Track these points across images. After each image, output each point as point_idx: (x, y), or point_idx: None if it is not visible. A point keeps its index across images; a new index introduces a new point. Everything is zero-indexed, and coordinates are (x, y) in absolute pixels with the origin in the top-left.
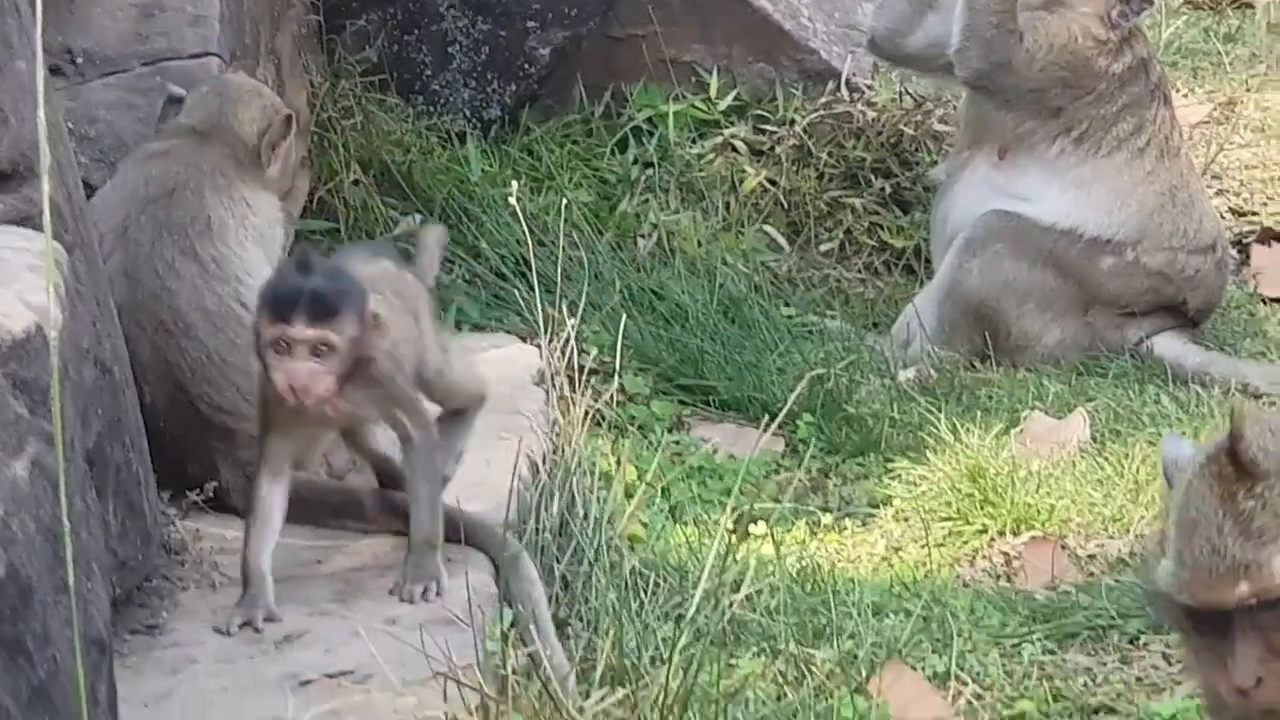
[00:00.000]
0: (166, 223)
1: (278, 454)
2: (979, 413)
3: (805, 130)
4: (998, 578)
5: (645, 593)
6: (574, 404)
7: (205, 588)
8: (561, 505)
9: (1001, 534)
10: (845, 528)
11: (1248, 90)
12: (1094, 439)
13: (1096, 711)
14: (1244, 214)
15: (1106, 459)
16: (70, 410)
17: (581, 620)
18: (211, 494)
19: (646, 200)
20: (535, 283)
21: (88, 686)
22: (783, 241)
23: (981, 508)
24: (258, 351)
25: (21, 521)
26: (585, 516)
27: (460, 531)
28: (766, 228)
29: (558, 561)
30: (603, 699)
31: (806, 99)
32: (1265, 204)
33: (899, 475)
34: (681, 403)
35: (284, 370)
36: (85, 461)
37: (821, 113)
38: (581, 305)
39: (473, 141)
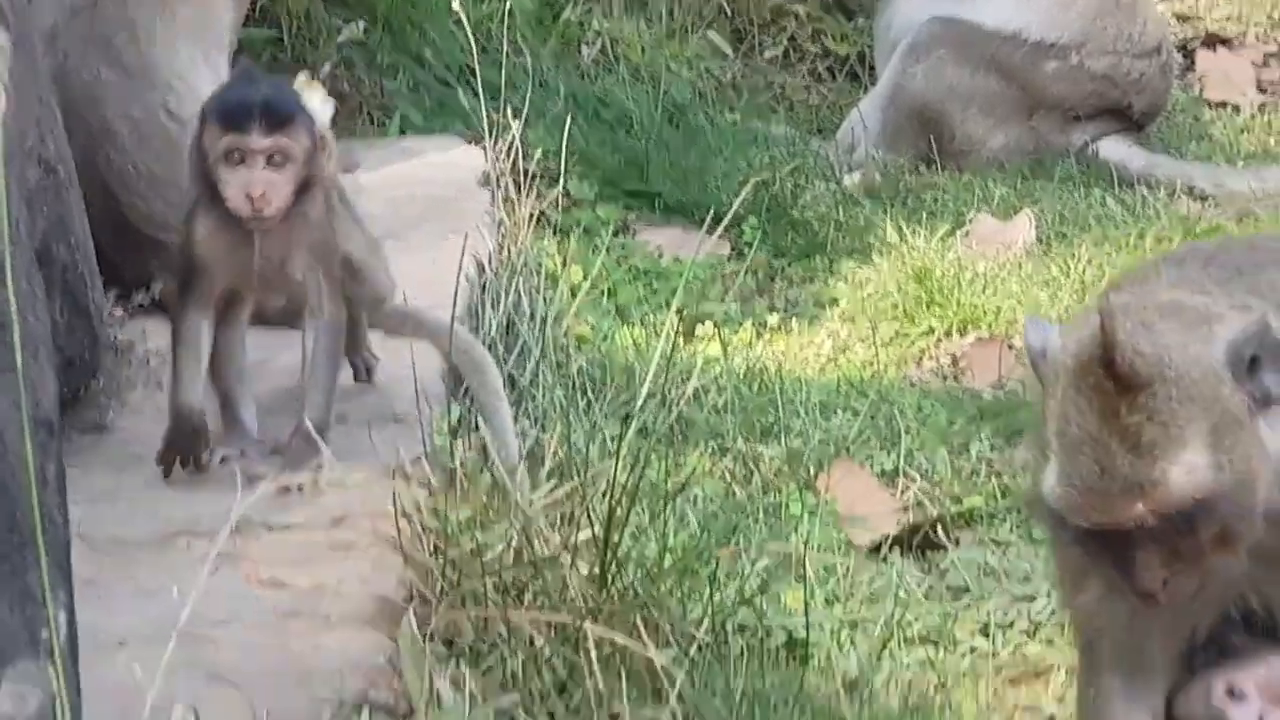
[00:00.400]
0: (90, 34)
1: (203, 294)
2: (924, 215)
3: None
4: (945, 377)
5: (592, 392)
6: (519, 205)
7: (152, 387)
8: (508, 305)
9: (948, 334)
10: (792, 329)
11: None
12: (1040, 240)
13: None
14: (1188, 19)
15: (1052, 260)
16: (15, 199)
17: (529, 418)
18: (157, 296)
19: (590, 8)
20: (480, 89)
21: (36, 467)
22: (727, 48)
23: (928, 308)
24: (203, 170)
25: None
26: (532, 316)
27: (408, 327)
28: (711, 34)
29: (504, 361)
30: (552, 491)
31: None
32: (1210, 9)
33: (845, 277)
34: (627, 207)
35: (241, 181)
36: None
37: None
38: (525, 110)
39: None
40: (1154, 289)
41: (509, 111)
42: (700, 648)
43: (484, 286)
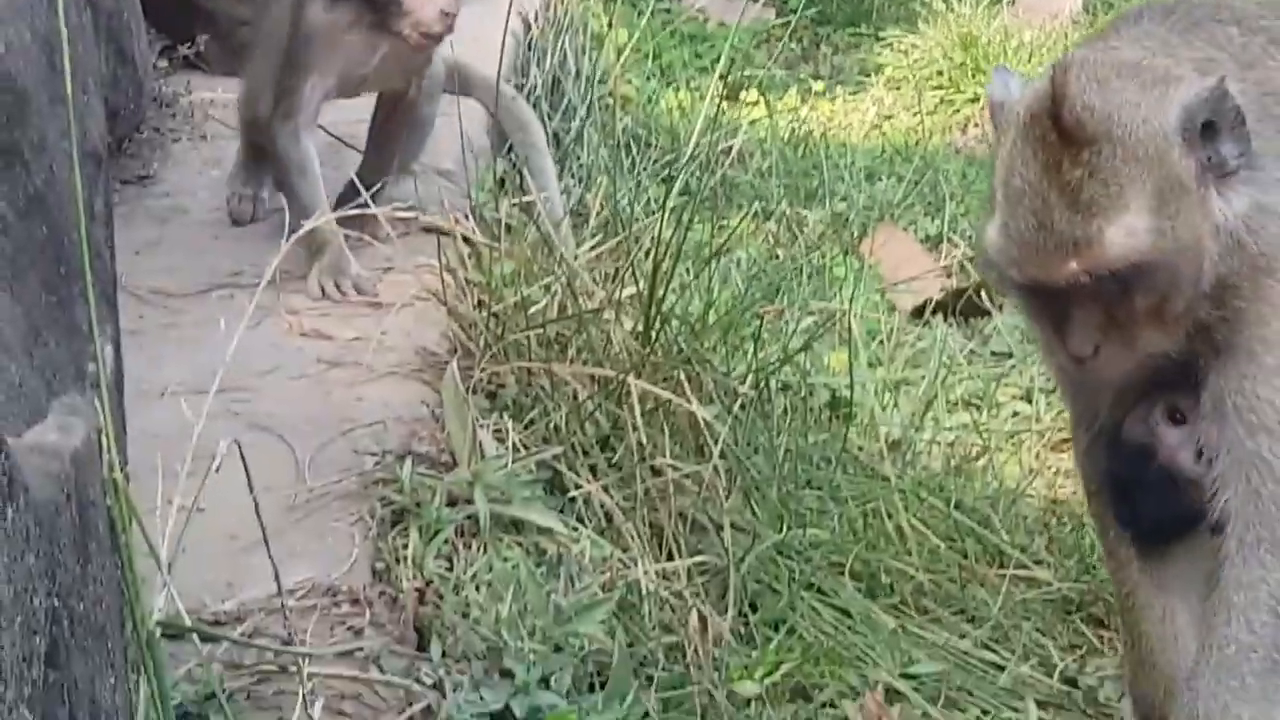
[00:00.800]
0: None
1: (314, 107)
2: None
3: None
4: (989, 145)
5: (637, 152)
6: None
7: (196, 139)
8: (554, 62)
9: None
10: (837, 95)
11: None
12: (1086, 10)
13: None
14: None
15: None
16: None
17: (573, 176)
18: (202, 48)
19: None
20: None
21: (85, 199)
22: None
23: (973, 76)
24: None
25: (17, 29)
26: (577, 75)
27: (454, 81)
28: None
29: (550, 118)
30: (596, 246)
31: None
32: None
33: (891, 44)
34: None
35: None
36: None
37: None
38: None
39: None
40: (1117, 46)
41: None
42: (743, 404)
43: (530, 44)
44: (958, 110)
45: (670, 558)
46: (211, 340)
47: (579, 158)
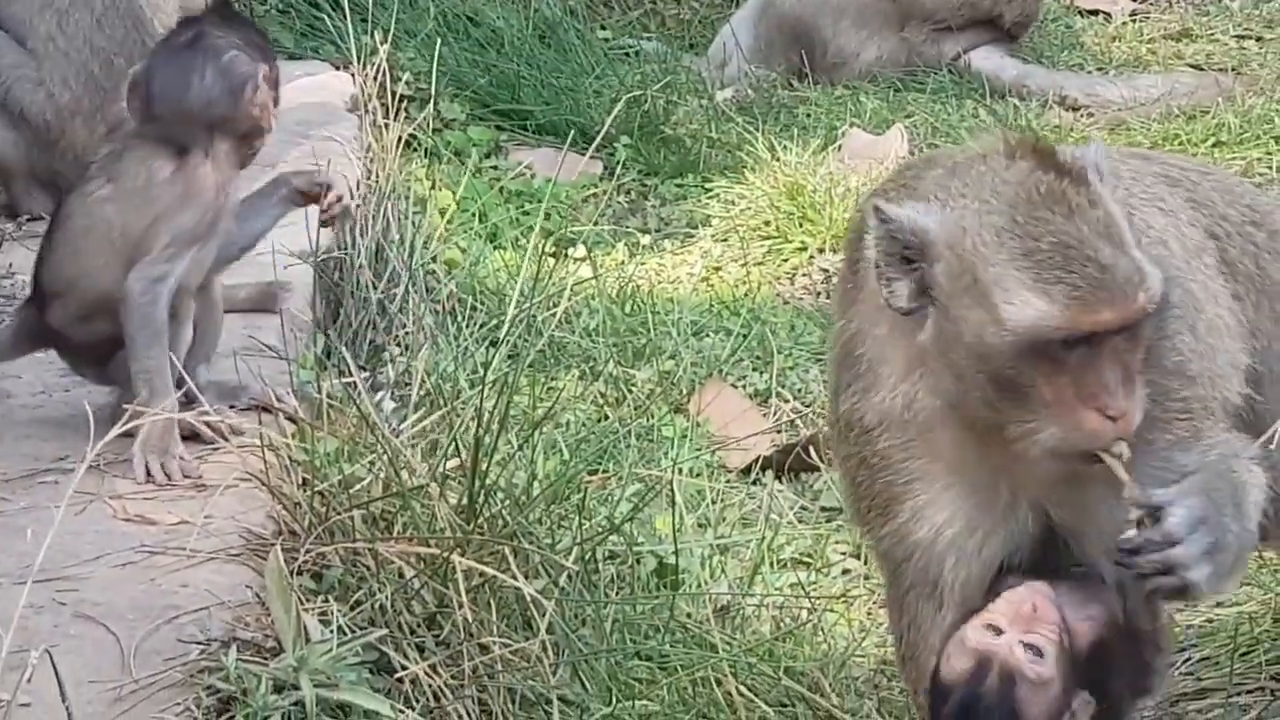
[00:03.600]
0: None
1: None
2: (797, 131)
3: None
4: (818, 294)
5: (462, 317)
6: (388, 130)
7: None
8: (376, 231)
9: (821, 251)
10: (664, 249)
11: None
12: (912, 153)
13: None
14: None
15: None
16: None
17: (399, 345)
18: (21, 226)
19: None
20: (348, 10)
21: None
22: None
23: (800, 225)
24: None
25: None
26: (401, 242)
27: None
28: None
29: (374, 288)
30: (419, 421)
31: None
32: None
33: (718, 195)
34: (499, 128)
35: None
36: None
37: None
38: (390, 30)
39: None
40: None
41: (378, 34)
42: (570, 577)
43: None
44: (785, 259)
45: None
46: (36, 528)
47: (404, 326)
